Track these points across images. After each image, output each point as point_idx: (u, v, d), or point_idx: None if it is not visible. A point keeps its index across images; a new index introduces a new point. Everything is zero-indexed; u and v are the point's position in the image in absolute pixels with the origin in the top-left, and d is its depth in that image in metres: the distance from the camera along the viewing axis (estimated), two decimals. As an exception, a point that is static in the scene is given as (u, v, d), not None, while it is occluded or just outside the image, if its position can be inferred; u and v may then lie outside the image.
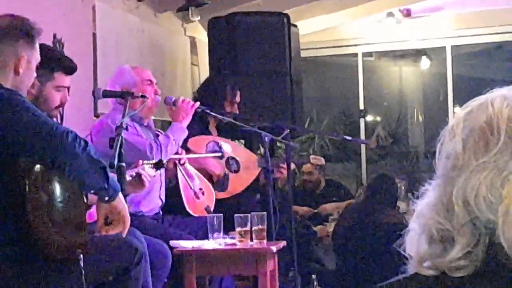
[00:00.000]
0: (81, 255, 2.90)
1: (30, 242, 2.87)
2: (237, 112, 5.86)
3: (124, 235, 3.17)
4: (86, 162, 2.88)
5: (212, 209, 5.05)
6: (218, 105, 5.62)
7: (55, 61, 3.81)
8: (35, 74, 3.15)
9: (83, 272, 2.89)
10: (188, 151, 5.14)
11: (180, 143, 4.88)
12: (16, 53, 3.05)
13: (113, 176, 3.16)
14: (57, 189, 2.93)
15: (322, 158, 7.05)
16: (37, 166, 2.86)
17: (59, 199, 2.92)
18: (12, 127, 2.83)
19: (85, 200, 3.09)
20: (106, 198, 3.04)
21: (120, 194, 3.10)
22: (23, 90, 3.10)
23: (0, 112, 2.85)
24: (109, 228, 3.12)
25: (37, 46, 3.14)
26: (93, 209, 3.22)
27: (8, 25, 3.08)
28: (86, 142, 2.91)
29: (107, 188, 3.00)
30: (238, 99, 5.93)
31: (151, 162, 4.14)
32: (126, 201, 3.69)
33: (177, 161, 4.91)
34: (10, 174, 2.86)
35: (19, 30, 3.08)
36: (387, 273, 5.85)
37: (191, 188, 5.04)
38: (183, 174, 5.01)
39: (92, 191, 3.03)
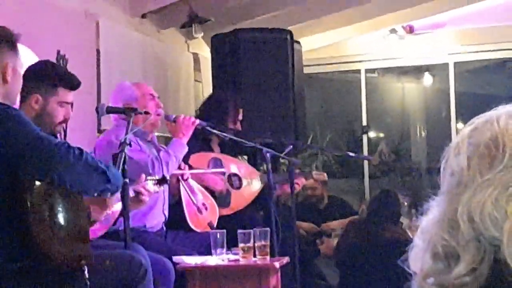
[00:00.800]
0: (86, 267, 2.91)
1: (34, 256, 2.88)
2: (240, 129, 5.87)
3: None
4: (84, 170, 2.90)
5: (215, 224, 5.05)
6: (220, 122, 5.63)
7: (58, 77, 3.82)
8: (21, 81, 3.14)
9: (88, 283, 2.90)
10: (189, 167, 5.14)
11: (180, 159, 4.89)
12: (1, 62, 3.03)
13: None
14: (59, 202, 2.94)
15: (325, 174, 7.05)
16: (39, 181, 2.87)
17: (61, 213, 2.93)
18: (9, 142, 2.84)
19: (89, 216, 3.10)
20: (108, 195, 3.10)
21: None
22: (14, 98, 3.10)
23: None
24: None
25: (19, 52, 3.13)
26: (96, 226, 3.24)
27: None
28: (81, 150, 2.92)
29: (110, 188, 3.06)
30: (240, 117, 5.94)
31: (154, 178, 4.15)
32: (129, 216, 3.72)
33: (180, 177, 4.92)
34: (12, 189, 2.87)
35: (0, 38, 3.07)
36: (390, 290, 5.85)
37: (194, 203, 5.04)
38: (186, 190, 5.02)
39: (95, 195, 3.07)
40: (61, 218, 2.92)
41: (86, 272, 2.91)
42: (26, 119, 2.97)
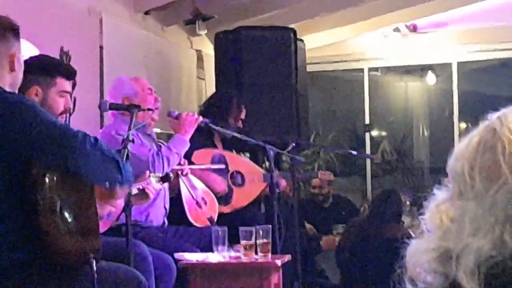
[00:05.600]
0: (94, 260, 2.92)
1: (41, 248, 2.88)
2: (241, 127, 5.87)
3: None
4: (99, 159, 2.91)
5: (215, 219, 5.06)
6: (222, 119, 5.64)
7: (55, 67, 3.85)
8: (23, 69, 3.17)
9: (95, 276, 2.91)
10: (191, 164, 5.15)
11: (182, 156, 4.90)
12: (8, 51, 3.05)
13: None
14: (70, 195, 2.94)
15: (331, 173, 7.08)
16: (50, 173, 2.87)
17: (71, 206, 2.93)
18: (26, 132, 2.85)
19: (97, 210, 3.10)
20: (118, 187, 3.10)
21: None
22: (17, 86, 3.13)
23: (13, 117, 2.87)
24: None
25: (20, 41, 3.16)
26: (100, 223, 3.24)
27: None
28: (96, 139, 2.93)
29: (121, 180, 3.05)
30: (243, 116, 5.95)
31: (157, 175, 4.16)
32: (131, 211, 3.73)
33: (179, 172, 4.92)
34: (23, 180, 2.88)
35: (5, 27, 3.08)
36: (391, 288, 5.86)
37: (193, 198, 5.05)
38: (185, 185, 5.03)
39: (106, 185, 3.06)
40: (71, 211, 2.92)
41: (94, 265, 2.92)
42: (41, 108, 2.98)
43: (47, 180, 2.86)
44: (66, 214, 2.91)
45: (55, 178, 2.88)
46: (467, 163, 1.20)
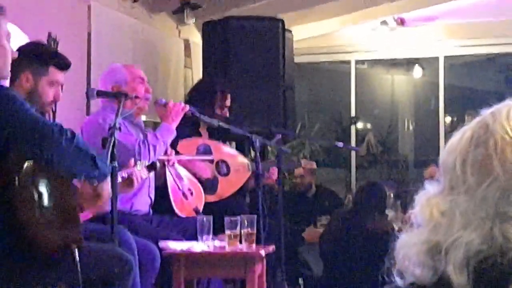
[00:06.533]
0: (76, 250, 2.91)
1: (19, 238, 2.87)
2: (227, 115, 5.87)
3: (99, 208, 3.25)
4: (74, 153, 2.89)
5: (201, 210, 5.06)
6: (208, 108, 5.63)
7: (49, 56, 3.83)
8: (8, 55, 3.12)
9: (78, 266, 2.90)
10: (178, 154, 5.14)
11: (168, 144, 4.89)
12: None
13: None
14: (47, 184, 2.93)
15: (314, 163, 7.09)
16: (27, 162, 2.86)
17: (49, 195, 2.92)
18: (4, 121, 2.84)
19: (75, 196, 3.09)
20: (95, 183, 3.09)
21: (108, 178, 3.18)
22: (5, 72, 3.09)
23: None
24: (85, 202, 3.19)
25: (5, 24, 3.11)
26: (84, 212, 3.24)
27: None
28: (73, 133, 2.92)
29: (97, 175, 3.04)
30: (228, 102, 5.94)
31: (143, 163, 4.15)
32: (117, 199, 3.72)
33: (166, 162, 4.91)
34: (0, 168, 2.86)
35: None
36: (374, 281, 5.88)
37: (179, 188, 5.04)
38: (171, 175, 5.02)
39: (82, 178, 3.07)
40: (49, 201, 2.91)
41: (77, 255, 2.91)
42: (19, 98, 2.96)
43: (23, 169, 2.85)
44: (44, 203, 2.89)
45: (31, 167, 2.87)
46: (459, 157, 1.20)
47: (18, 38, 4.03)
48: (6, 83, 3.19)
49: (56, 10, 5.55)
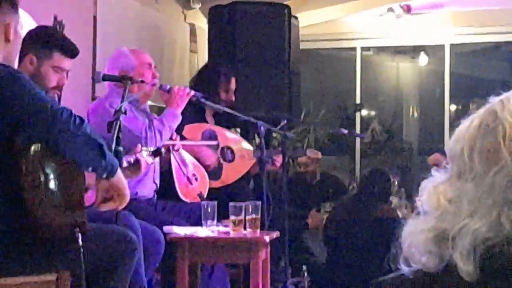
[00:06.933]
0: (80, 234, 2.90)
1: (26, 221, 2.87)
2: (233, 99, 5.87)
3: (120, 208, 3.18)
4: (82, 140, 2.87)
5: (205, 195, 5.07)
6: (213, 93, 5.62)
7: (54, 41, 3.82)
8: (21, 42, 3.11)
9: (81, 250, 2.89)
10: (183, 139, 5.14)
11: (174, 130, 4.89)
12: (3, 21, 2.97)
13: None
14: (54, 168, 2.91)
15: (319, 152, 7.08)
16: (34, 145, 2.84)
17: (56, 179, 2.90)
18: (14, 104, 2.82)
19: (84, 181, 3.07)
20: (104, 175, 3.03)
21: (119, 171, 3.09)
22: (14, 59, 3.06)
23: (3, 89, 2.83)
24: (106, 204, 3.12)
25: (19, 11, 3.10)
26: (89, 192, 3.22)
27: None
28: (82, 120, 2.89)
29: (105, 166, 2.99)
30: (233, 86, 5.93)
31: (149, 149, 4.15)
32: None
33: (171, 147, 4.91)
34: (7, 152, 2.85)
35: None
36: (377, 267, 5.89)
37: (184, 173, 5.05)
38: (176, 160, 5.02)
39: (89, 169, 3.01)
40: (55, 184, 2.90)
41: (80, 240, 2.90)
42: (30, 81, 2.95)
43: (31, 152, 2.84)
44: (51, 187, 2.88)
45: (39, 150, 2.85)
46: (467, 145, 1.20)
47: (27, 24, 4.03)
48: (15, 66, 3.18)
49: (62, -7, 5.54)
